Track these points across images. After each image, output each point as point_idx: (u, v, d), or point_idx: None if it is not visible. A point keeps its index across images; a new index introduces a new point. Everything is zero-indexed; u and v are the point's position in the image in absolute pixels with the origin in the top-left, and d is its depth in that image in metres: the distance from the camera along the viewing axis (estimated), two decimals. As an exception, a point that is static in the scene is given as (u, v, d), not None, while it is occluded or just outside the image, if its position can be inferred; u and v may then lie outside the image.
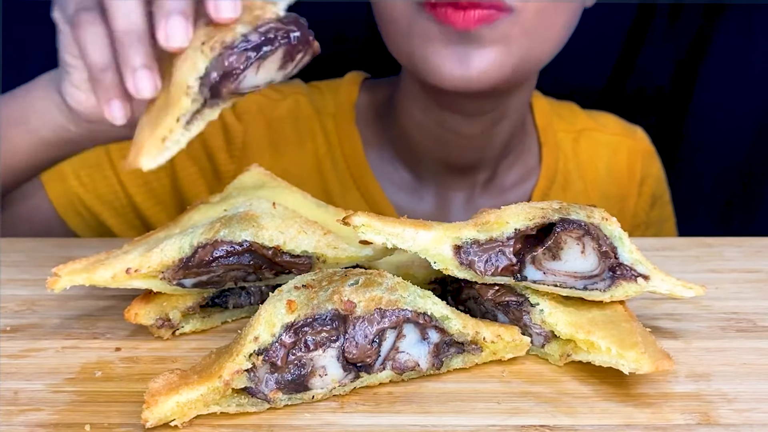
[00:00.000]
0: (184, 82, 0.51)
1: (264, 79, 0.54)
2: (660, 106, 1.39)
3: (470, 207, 0.98)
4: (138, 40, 0.55)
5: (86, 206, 0.94)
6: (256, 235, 0.57)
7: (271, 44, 0.53)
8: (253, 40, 0.52)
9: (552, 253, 0.54)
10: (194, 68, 0.51)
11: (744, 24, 1.31)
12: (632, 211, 1.09)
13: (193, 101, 0.52)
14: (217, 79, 0.52)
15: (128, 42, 0.55)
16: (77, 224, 0.94)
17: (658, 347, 0.51)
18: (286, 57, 0.54)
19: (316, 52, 0.57)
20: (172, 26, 0.52)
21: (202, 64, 0.51)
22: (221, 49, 0.52)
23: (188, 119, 0.52)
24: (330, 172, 0.99)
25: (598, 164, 1.07)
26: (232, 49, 0.52)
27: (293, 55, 0.55)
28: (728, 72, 1.35)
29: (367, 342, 0.50)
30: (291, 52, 0.54)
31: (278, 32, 0.53)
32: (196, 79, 0.51)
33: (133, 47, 0.55)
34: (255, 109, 0.99)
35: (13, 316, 0.62)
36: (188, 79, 0.51)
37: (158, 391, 0.46)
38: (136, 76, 0.54)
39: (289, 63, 0.55)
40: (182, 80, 0.52)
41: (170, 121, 0.52)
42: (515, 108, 0.92)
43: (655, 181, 1.11)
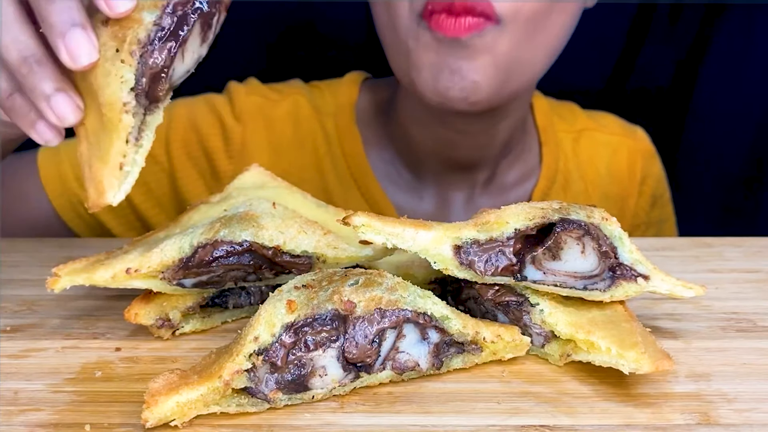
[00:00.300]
0: (118, 100, 0.47)
1: (192, 60, 0.50)
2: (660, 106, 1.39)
3: (471, 207, 0.98)
4: (38, 64, 0.49)
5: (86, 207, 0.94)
6: (256, 235, 0.57)
7: (186, 23, 0.48)
8: (167, 25, 0.48)
9: (552, 253, 0.54)
10: (122, 82, 0.47)
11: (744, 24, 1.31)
12: (632, 211, 1.09)
13: (134, 115, 0.48)
14: (148, 85, 0.48)
15: (28, 70, 0.49)
16: (77, 225, 0.94)
17: (658, 347, 0.51)
18: (204, 28, 0.50)
19: (228, 4, 0.52)
20: (73, 44, 0.47)
21: (130, 75, 0.47)
22: (140, 50, 0.47)
23: (136, 135, 0.49)
24: (330, 172, 0.99)
25: (599, 164, 1.07)
26: (152, 45, 0.47)
27: (210, 22, 0.50)
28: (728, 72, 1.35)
29: (367, 342, 0.50)
30: (207, 20, 0.50)
31: (186, 5, 0.48)
32: (129, 92, 0.47)
33: (35, 73, 0.49)
34: (254, 110, 0.99)
35: (13, 316, 0.62)
36: (121, 95, 0.47)
37: (158, 391, 0.46)
38: (52, 103, 0.49)
39: (208, 32, 0.51)
40: (114, 98, 0.47)
41: (119, 144, 0.48)
42: (515, 108, 0.92)
43: (655, 181, 1.11)
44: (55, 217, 0.93)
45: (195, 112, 0.98)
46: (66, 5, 0.47)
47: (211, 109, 0.98)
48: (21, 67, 0.49)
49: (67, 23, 0.47)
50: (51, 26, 0.47)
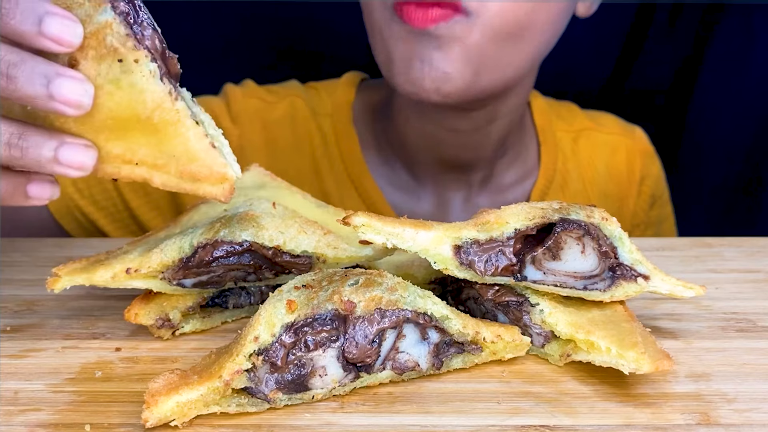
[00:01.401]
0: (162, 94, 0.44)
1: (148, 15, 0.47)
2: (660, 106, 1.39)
3: (469, 207, 0.98)
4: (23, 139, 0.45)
5: (83, 212, 0.94)
6: (256, 235, 0.57)
7: None
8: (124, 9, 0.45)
9: (552, 253, 0.54)
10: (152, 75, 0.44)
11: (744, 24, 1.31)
12: (632, 210, 1.09)
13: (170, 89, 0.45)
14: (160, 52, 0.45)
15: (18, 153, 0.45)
16: (74, 229, 0.94)
17: (658, 347, 0.51)
18: None
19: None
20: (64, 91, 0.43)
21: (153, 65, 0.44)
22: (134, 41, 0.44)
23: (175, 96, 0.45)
24: (327, 173, 0.99)
25: (597, 164, 1.07)
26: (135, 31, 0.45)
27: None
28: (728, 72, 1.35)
29: (367, 342, 0.50)
30: None
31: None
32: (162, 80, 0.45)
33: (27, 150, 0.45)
34: (251, 112, 0.99)
35: (13, 316, 0.62)
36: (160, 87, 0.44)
37: (158, 391, 0.46)
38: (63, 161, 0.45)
39: None
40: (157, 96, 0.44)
41: (194, 130, 0.45)
42: (509, 108, 0.92)
43: (654, 180, 1.11)
44: (52, 222, 0.93)
45: None
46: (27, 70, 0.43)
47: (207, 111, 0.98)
48: (12, 151, 0.45)
49: (42, 84, 0.43)
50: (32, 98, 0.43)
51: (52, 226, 0.93)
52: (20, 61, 0.43)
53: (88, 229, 0.95)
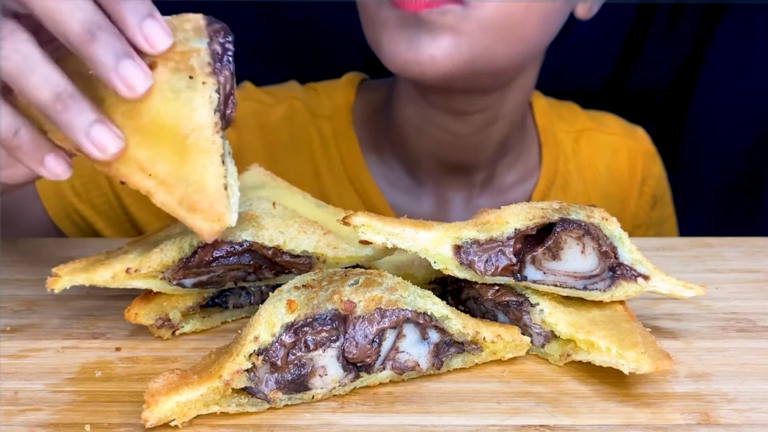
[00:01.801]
0: (209, 122, 0.47)
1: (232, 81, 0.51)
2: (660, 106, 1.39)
3: (469, 207, 0.98)
4: (71, 98, 0.48)
5: (81, 215, 0.94)
6: (256, 235, 0.57)
7: (230, 45, 0.50)
8: (217, 49, 0.49)
9: (552, 253, 0.54)
10: (210, 102, 0.47)
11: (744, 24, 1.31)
12: (633, 211, 1.09)
13: (222, 137, 0.48)
14: (224, 103, 0.49)
15: (63, 107, 0.48)
16: (72, 233, 0.94)
17: (658, 347, 0.51)
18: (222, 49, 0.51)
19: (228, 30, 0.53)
20: (128, 74, 0.46)
21: (215, 94, 0.48)
22: (212, 71, 0.48)
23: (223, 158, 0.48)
24: (327, 175, 0.99)
25: (599, 164, 1.06)
26: (217, 66, 0.49)
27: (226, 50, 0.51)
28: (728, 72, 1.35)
29: (367, 342, 0.50)
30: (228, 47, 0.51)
31: (221, 34, 0.50)
32: (215, 112, 0.48)
33: (71, 109, 0.48)
34: (249, 115, 0.99)
35: (13, 316, 0.62)
36: (211, 116, 0.47)
37: (158, 391, 0.46)
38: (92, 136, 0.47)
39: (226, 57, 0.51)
40: (204, 121, 0.47)
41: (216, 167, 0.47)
42: (510, 109, 0.92)
43: (655, 181, 1.10)
44: (50, 226, 0.93)
45: None
46: (110, 39, 0.47)
47: None
48: (55, 104, 0.48)
49: (115, 56, 0.46)
50: (101, 64, 0.46)
51: (51, 230, 0.93)
52: (108, 29, 0.47)
53: (87, 233, 0.95)
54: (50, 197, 0.92)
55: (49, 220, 0.93)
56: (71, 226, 0.94)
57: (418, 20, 0.75)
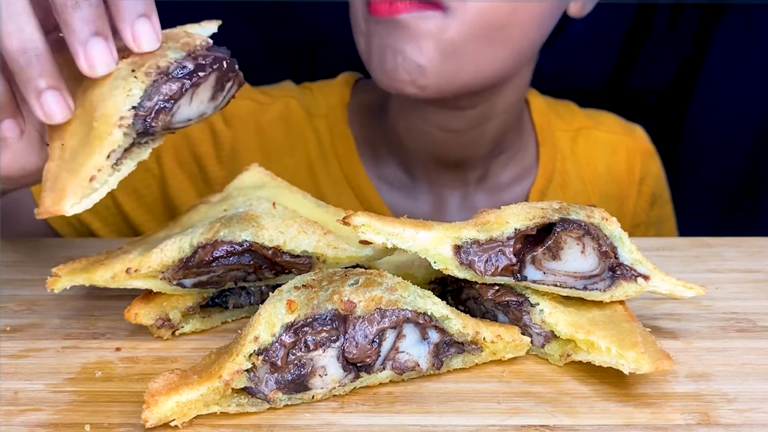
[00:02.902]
0: (116, 113, 0.47)
1: (197, 110, 0.51)
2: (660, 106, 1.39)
3: (466, 206, 0.98)
4: (37, 59, 0.48)
5: (78, 217, 0.94)
6: (256, 235, 0.57)
7: (203, 70, 0.50)
8: (188, 65, 0.49)
9: (552, 253, 0.54)
10: (128, 96, 0.47)
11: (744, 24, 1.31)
12: (632, 210, 1.09)
13: (125, 135, 0.47)
14: (153, 111, 0.48)
15: (25, 62, 0.48)
16: (69, 235, 0.94)
17: (658, 347, 0.51)
18: (217, 85, 0.51)
19: (243, 83, 0.54)
20: (93, 51, 0.47)
21: (138, 91, 0.47)
22: (156, 75, 0.48)
23: (118, 157, 0.48)
24: (323, 174, 0.99)
25: (597, 163, 1.06)
26: (168, 75, 0.48)
27: (224, 84, 0.52)
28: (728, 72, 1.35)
29: (367, 342, 0.50)
30: (222, 79, 0.51)
31: (207, 58, 0.50)
32: (130, 109, 0.47)
33: (32, 67, 0.48)
34: (244, 114, 0.99)
35: (13, 316, 0.62)
36: (122, 108, 0.47)
37: (158, 391, 0.46)
38: (43, 99, 0.48)
39: (219, 93, 0.52)
40: (113, 110, 0.47)
41: (99, 158, 0.47)
42: (503, 107, 0.92)
43: (654, 180, 1.10)
44: (47, 229, 0.93)
45: None
46: (92, 14, 0.48)
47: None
48: (20, 57, 0.48)
49: (90, 31, 0.47)
50: (73, 32, 0.47)
51: (48, 233, 0.94)
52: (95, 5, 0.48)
53: (83, 235, 0.95)
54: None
55: (46, 224, 0.93)
56: (67, 228, 0.94)
57: (396, 27, 0.75)
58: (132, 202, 0.96)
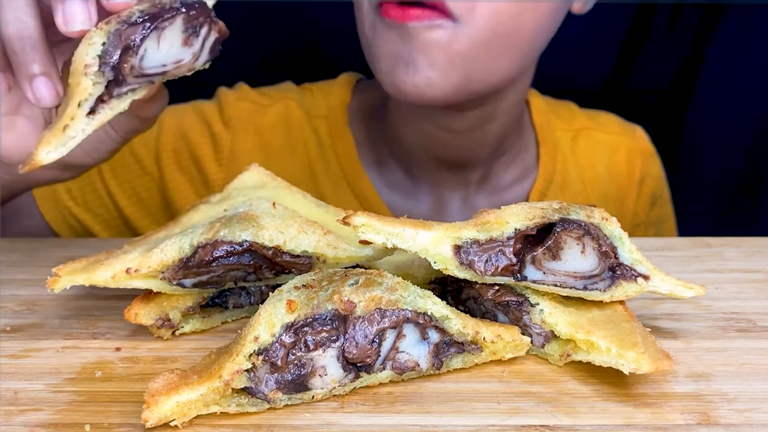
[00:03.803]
0: (82, 62, 0.48)
1: (169, 55, 0.52)
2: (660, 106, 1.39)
3: (467, 207, 0.98)
4: (32, 46, 0.52)
5: (77, 219, 0.94)
6: (256, 235, 0.57)
7: (166, 13, 0.51)
8: (150, 11, 0.50)
9: (552, 253, 0.54)
10: (90, 46, 0.49)
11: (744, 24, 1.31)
12: (632, 210, 1.09)
13: (94, 84, 0.49)
14: (116, 55, 0.49)
15: (20, 48, 0.52)
16: (68, 236, 0.94)
17: (658, 347, 0.51)
18: (187, 29, 0.52)
19: (224, 32, 0.55)
20: (70, 8, 0.49)
21: (99, 39, 0.49)
22: (117, 24, 0.49)
23: (92, 106, 0.50)
24: (323, 175, 0.99)
25: (597, 164, 1.06)
26: (129, 23, 0.49)
27: (195, 27, 0.52)
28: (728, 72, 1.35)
29: (367, 342, 0.50)
30: (191, 21, 0.52)
31: (174, 3, 0.51)
32: (94, 57, 0.49)
33: (26, 53, 0.51)
34: (244, 116, 0.99)
35: (13, 316, 0.62)
36: (85, 58, 0.48)
37: (158, 391, 0.46)
38: (34, 84, 0.51)
39: (193, 37, 0.53)
40: (79, 62, 0.49)
41: (71, 108, 0.49)
42: (505, 108, 0.92)
43: (654, 180, 1.10)
44: (47, 231, 0.93)
45: (184, 120, 0.98)
46: None
47: (199, 116, 0.98)
48: (15, 43, 0.51)
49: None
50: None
51: (48, 235, 0.94)
52: None
53: (83, 236, 0.95)
54: (46, 201, 0.92)
55: (45, 224, 0.93)
56: (68, 230, 0.94)
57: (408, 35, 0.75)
58: (132, 205, 0.96)
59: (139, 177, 0.96)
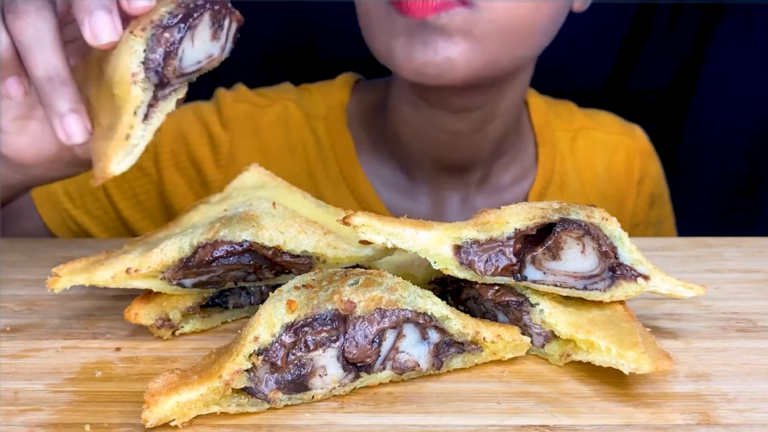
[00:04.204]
0: (127, 72, 0.50)
1: (203, 51, 0.53)
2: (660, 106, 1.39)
3: (466, 207, 0.98)
4: (61, 84, 0.54)
5: (76, 222, 0.94)
6: (256, 235, 0.57)
7: (195, 11, 0.52)
8: (179, 12, 0.51)
9: (552, 253, 0.54)
10: (133, 54, 0.50)
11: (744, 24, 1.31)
12: (631, 210, 1.09)
13: (144, 90, 0.51)
14: (159, 60, 0.51)
15: (50, 89, 0.54)
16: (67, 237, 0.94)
17: (658, 347, 0.51)
18: (214, 24, 0.53)
19: (240, 20, 0.56)
20: (97, 22, 0.50)
21: (140, 47, 0.50)
22: (153, 29, 0.50)
23: (145, 112, 0.51)
24: (321, 176, 0.98)
25: (596, 163, 1.06)
26: (163, 25, 0.51)
27: (220, 21, 0.54)
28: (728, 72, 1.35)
29: (367, 342, 0.50)
30: (216, 16, 0.53)
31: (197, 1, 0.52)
32: (139, 64, 0.50)
33: (56, 92, 0.53)
34: (242, 117, 0.99)
35: (13, 316, 0.62)
36: (131, 67, 0.50)
37: (158, 391, 0.46)
38: (64, 121, 0.53)
39: (219, 31, 0.54)
40: (124, 72, 0.50)
41: (128, 118, 0.50)
42: (506, 108, 0.92)
43: (653, 180, 1.10)
44: (46, 233, 0.93)
45: (182, 122, 0.98)
46: None
47: (198, 118, 0.98)
48: (45, 84, 0.54)
49: (97, 5, 0.51)
50: (80, 6, 0.51)
51: (46, 235, 0.94)
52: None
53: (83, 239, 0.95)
54: (45, 204, 0.92)
55: (43, 226, 0.93)
56: (66, 233, 0.94)
57: (428, 26, 0.75)
58: (130, 207, 0.96)
59: (138, 179, 0.96)
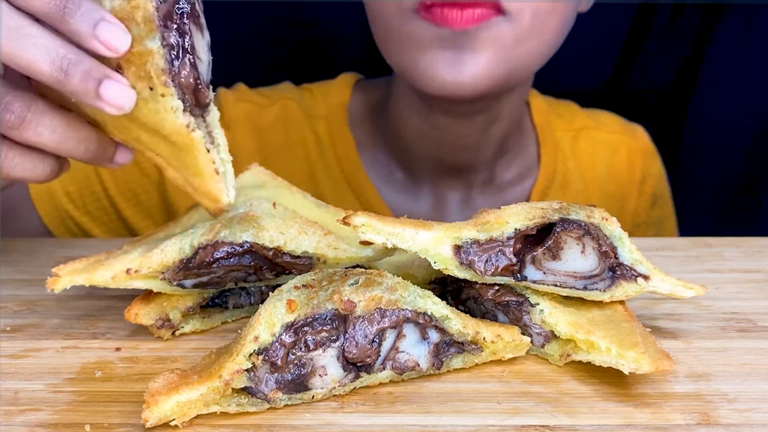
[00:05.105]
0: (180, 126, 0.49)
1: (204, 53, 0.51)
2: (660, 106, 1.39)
3: (467, 207, 0.98)
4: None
5: (76, 222, 0.94)
6: (256, 235, 0.57)
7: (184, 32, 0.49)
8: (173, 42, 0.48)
9: (552, 253, 0.54)
10: (174, 112, 0.49)
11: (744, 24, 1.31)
12: (632, 210, 1.09)
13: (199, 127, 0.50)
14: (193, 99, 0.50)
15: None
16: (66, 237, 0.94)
17: (658, 347, 0.51)
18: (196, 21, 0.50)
19: None
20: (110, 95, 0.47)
21: (176, 102, 0.48)
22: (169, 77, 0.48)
23: (210, 140, 0.52)
24: (323, 176, 0.98)
25: (598, 163, 1.06)
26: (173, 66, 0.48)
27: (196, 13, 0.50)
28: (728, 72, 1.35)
29: (367, 342, 0.50)
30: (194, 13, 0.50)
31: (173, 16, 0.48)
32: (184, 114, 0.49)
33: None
34: (242, 117, 0.99)
35: (13, 316, 0.62)
36: (180, 121, 0.49)
37: (158, 391, 0.47)
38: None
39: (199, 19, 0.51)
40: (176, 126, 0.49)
41: (203, 157, 0.51)
42: (509, 110, 0.92)
43: (655, 179, 1.10)
44: (45, 233, 0.93)
45: None
46: (83, 69, 0.47)
47: None
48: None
49: (95, 82, 0.47)
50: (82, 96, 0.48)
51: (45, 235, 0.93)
52: (78, 61, 0.47)
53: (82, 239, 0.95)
54: (44, 204, 0.92)
55: (43, 226, 0.93)
56: (66, 233, 0.94)
57: (463, 36, 0.73)
58: (131, 207, 0.96)
59: (138, 179, 0.96)
